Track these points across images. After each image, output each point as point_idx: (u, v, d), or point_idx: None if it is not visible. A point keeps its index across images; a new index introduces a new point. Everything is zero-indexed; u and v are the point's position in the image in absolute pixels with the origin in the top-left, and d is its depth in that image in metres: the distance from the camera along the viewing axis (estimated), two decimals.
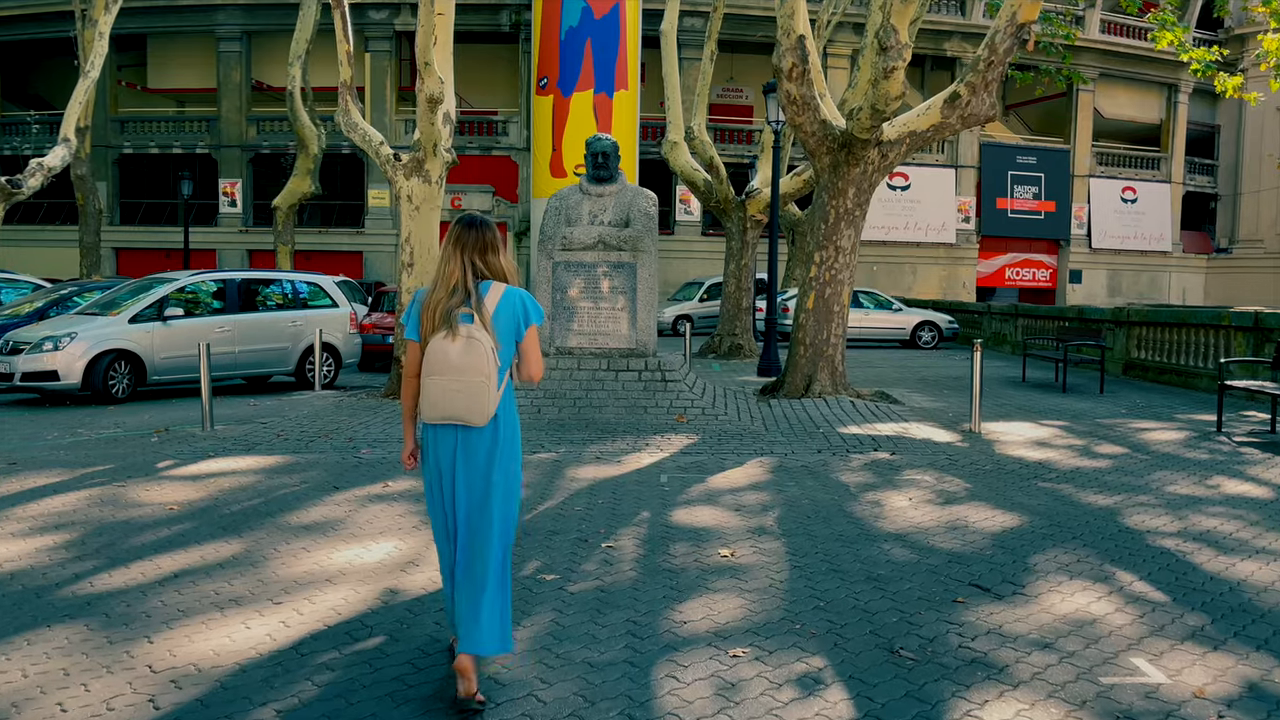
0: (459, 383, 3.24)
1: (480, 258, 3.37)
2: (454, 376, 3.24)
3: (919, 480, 7.11)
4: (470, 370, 3.23)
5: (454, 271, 3.32)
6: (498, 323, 3.33)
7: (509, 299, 3.38)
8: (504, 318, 3.35)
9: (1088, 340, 13.30)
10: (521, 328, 3.41)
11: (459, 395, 3.24)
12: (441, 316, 3.27)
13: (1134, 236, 36.64)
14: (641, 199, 10.56)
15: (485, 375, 3.23)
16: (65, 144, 17.72)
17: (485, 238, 3.39)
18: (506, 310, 3.37)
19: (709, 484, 7.00)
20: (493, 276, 3.40)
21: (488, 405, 3.26)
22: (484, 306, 3.30)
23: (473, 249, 3.36)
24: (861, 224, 11.89)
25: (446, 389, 3.25)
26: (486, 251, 3.38)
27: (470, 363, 3.23)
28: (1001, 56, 11.22)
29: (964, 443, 8.67)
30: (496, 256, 3.41)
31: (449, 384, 3.24)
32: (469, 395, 3.24)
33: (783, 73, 11.23)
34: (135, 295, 12.46)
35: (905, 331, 22.26)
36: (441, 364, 3.24)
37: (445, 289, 3.31)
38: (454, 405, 3.26)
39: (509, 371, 3.43)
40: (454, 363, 3.23)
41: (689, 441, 8.66)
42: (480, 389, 3.24)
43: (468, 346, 3.23)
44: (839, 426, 9.43)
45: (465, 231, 3.38)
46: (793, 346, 11.90)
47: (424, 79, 11.46)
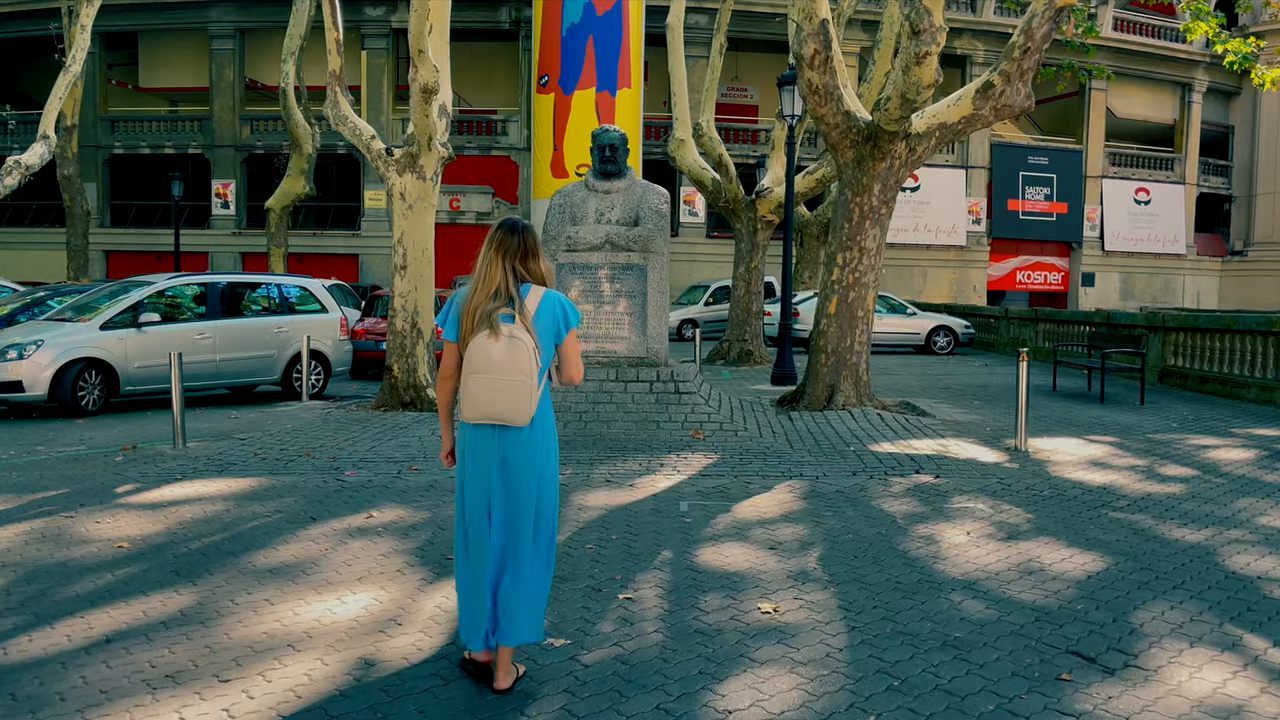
0: (501, 381, 3.26)
1: (522, 263, 3.41)
2: (496, 375, 3.26)
3: (972, 509, 6.29)
4: (513, 369, 3.25)
5: (495, 275, 3.36)
6: (538, 325, 3.37)
7: (548, 302, 3.42)
8: (544, 320, 3.40)
9: (1126, 348, 12.47)
10: (562, 330, 3.45)
11: (500, 395, 3.27)
12: (482, 317, 3.30)
13: (1147, 239, 35.84)
14: (652, 195, 9.75)
15: (527, 375, 3.26)
16: (44, 141, 16.89)
17: (527, 243, 3.43)
18: (547, 313, 3.41)
19: (735, 514, 6.18)
20: (532, 281, 3.44)
21: (529, 405, 3.29)
22: (525, 308, 3.34)
23: (514, 254, 3.40)
24: (887, 223, 11.08)
25: (488, 387, 3.26)
26: (528, 257, 3.42)
27: (513, 361, 3.25)
28: (1039, 43, 10.43)
29: (1012, 463, 7.85)
30: (537, 262, 3.45)
31: (492, 382, 3.26)
32: (511, 394, 3.27)
33: (804, 60, 10.42)
34: (110, 300, 11.65)
35: (920, 337, 21.45)
36: (484, 362, 3.26)
37: (486, 292, 3.34)
38: (495, 404, 3.28)
39: (547, 375, 3.48)
40: (496, 361, 3.25)
41: (708, 461, 7.84)
42: (522, 388, 3.27)
43: (510, 345, 3.26)
44: (870, 443, 8.61)
45: (508, 236, 3.41)
46: (813, 355, 11.08)
47: (418, 67, 10.65)
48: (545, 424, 3.47)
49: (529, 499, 3.42)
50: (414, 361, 11.12)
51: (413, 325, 11.15)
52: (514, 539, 3.42)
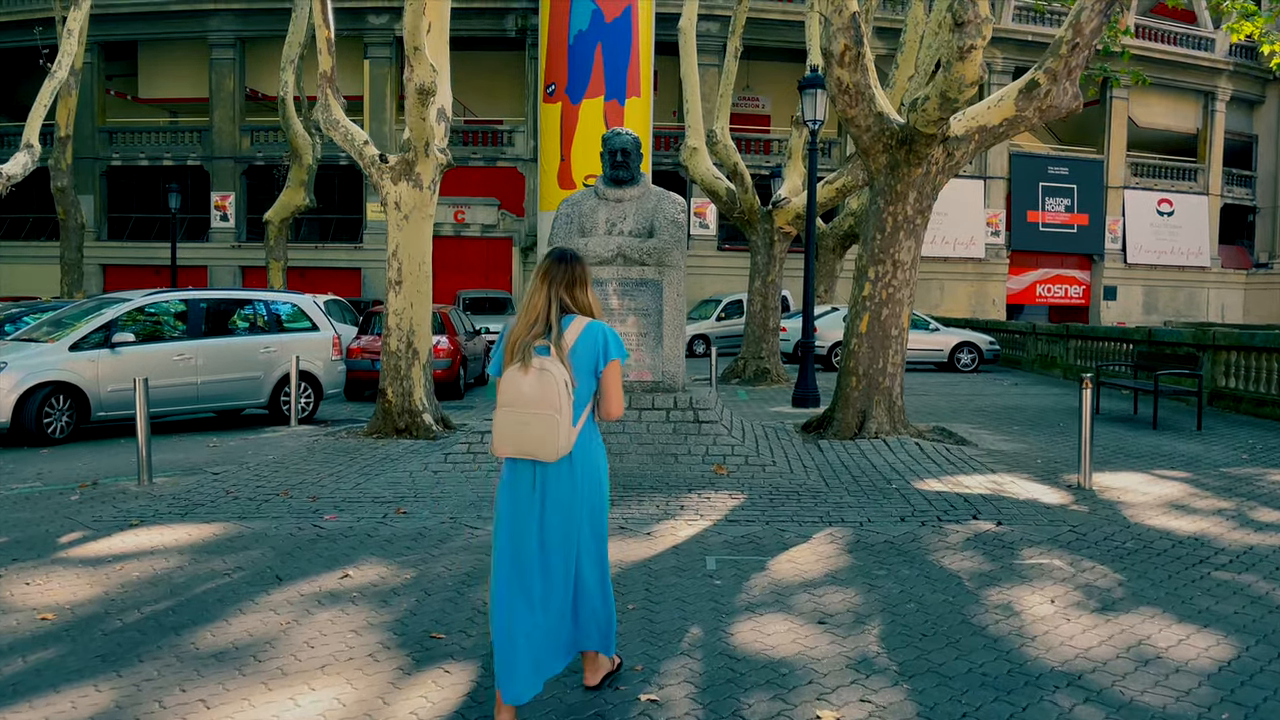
0: (528, 415, 3.21)
1: (568, 292, 3.37)
2: (524, 409, 3.22)
3: (1050, 568, 5.38)
4: (541, 404, 3.20)
5: (539, 304, 3.32)
6: (575, 357, 3.32)
7: (590, 333, 3.37)
8: (583, 352, 3.34)
9: (1180, 368, 11.53)
10: (600, 363, 3.39)
11: (527, 429, 3.22)
12: (520, 349, 3.27)
13: (1170, 251, 34.87)
14: (668, 204, 8.87)
15: (555, 409, 3.19)
16: (28, 150, 16.15)
17: (575, 273, 3.39)
18: (586, 345, 3.35)
19: (772, 572, 5.28)
20: (579, 311, 3.40)
21: (558, 441, 3.22)
22: (563, 340, 3.30)
23: (561, 283, 3.36)
24: (923, 234, 10.21)
25: (515, 421, 3.24)
26: (575, 286, 3.39)
27: (541, 396, 3.20)
28: (1088, 38, 9.57)
29: (1079, 505, 6.93)
30: (584, 292, 3.41)
31: (518, 417, 3.23)
32: (539, 429, 3.21)
33: (833, 57, 9.57)
34: (84, 318, 10.82)
35: (943, 354, 20.53)
36: (513, 396, 3.24)
37: (526, 322, 3.31)
38: (523, 439, 3.24)
39: (589, 407, 3.41)
40: (525, 395, 3.21)
41: (734, 502, 6.94)
42: (548, 423, 3.20)
43: (539, 379, 3.20)
44: (914, 480, 7.70)
45: (555, 265, 3.38)
46: (843, 377, 10.19)
47: (413, 66, 9.84)
48: (588, 456, 3.40)
49: (575, 530, 3.38)
50: (409, 384, 10.26)
51: (408, 345, 10.30)
52: (570, 567, 3.40)
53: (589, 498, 3.42)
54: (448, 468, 7.95)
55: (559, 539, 3.36)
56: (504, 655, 3.29)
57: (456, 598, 4.86)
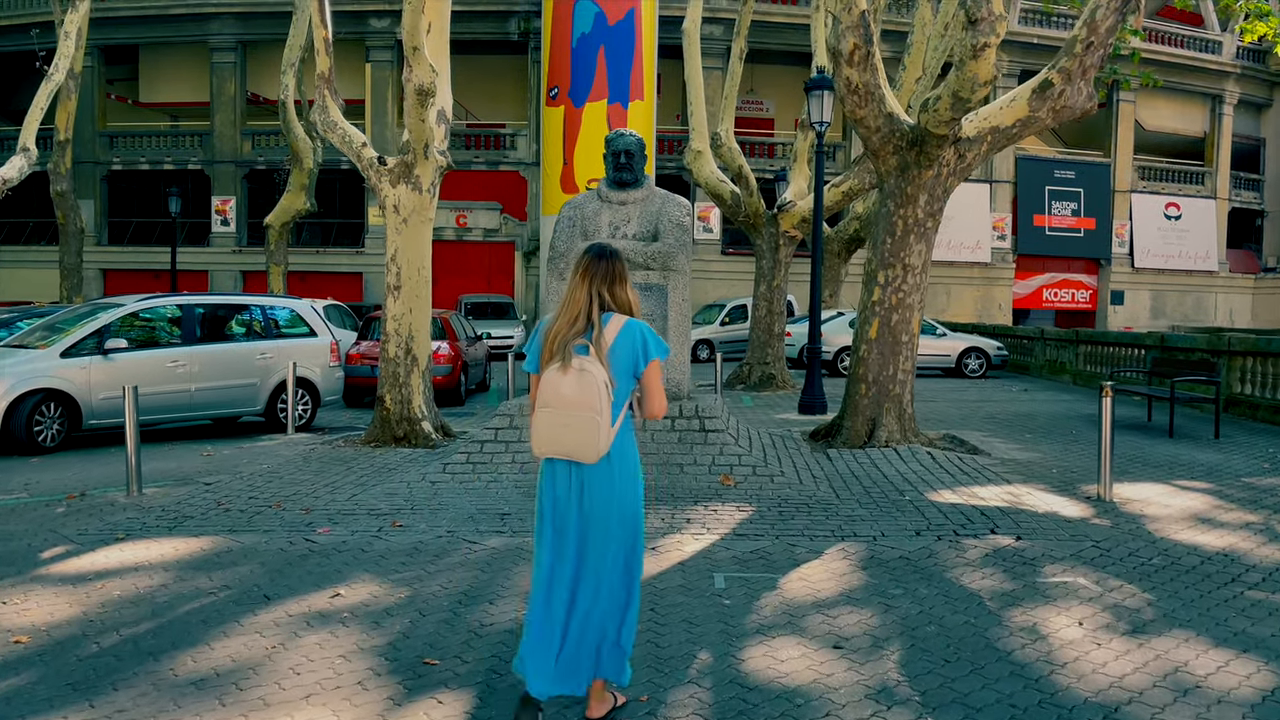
0: (568, 416, 3.17)
1: (608, 289, 3.31)
2: (564, 410, 3.18)
3: (1075, 586, 5.13)
4: (580, 405, 3.16)
5: (579, 301, 3.27)
6: (614, 356, 3.26)
7: (629, 332, 3.30)
8: (622, 351, 3.28)
9: (1199, 375, 11.28)
10: (641, 362, 3.32)
11: (567, 430, 3.18)
12: (558, 347, 3.21)
13: (1178, 255, 34.57)
14: (673, 207, 8.64)
15: (595, 410, 3.15)
16: (24, 154, 15.99)
17: (615, 269, 3.33)
18: (625, 343, 3.28)
19: (784, 592, 5.03)
20: (618, 309, 3.33)
21: (598, 441, 3.19)
22: (602, 338, 3.24)
23: (601, 280, 3.30)
24: (934, 237, 9.98)
25: (555, 423, 3.20)
26: (615, 283, 3.32)
27: (581, 396, 3.16)
28: (1103, 36, 9.35)
29: (1100, 518, 6.68)
30: (624, 289, 3.35)
31: (558, 417, 3.19)
32: (578, 430, 3.17)
33: (842, 56, 9.34)
34: (76, 323, 10.61)
35: (950, 359, 20.27)
36: (553, 396, 3.19)
37: (567, 319, 3.25)
38: (562, 440, 3.21)
39: (626, 406, 3.35)
40: (565, 396, 3.17)
41: (742, 515, 6.70)
42: (589, 424, 3.16)
43: (579, 379, 3.16)
44: (927, 491, 7.45)
45: (595, 262, 3.32)
46: (852, 384, 9.95)
47: (412, 66, 9.64)
48: (625, 457, 3.36)
49: (611, 534, 3.33)
50: (408, 392, 10.03)
51: (407, 351, 10.07)
52: (600, 575, 3.33)
53: (621, 503, 3.36)
54: (446, 478, 7.71)
55: (595, 542, 3.33)
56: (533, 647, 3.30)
57: (452, 619, 4.62)
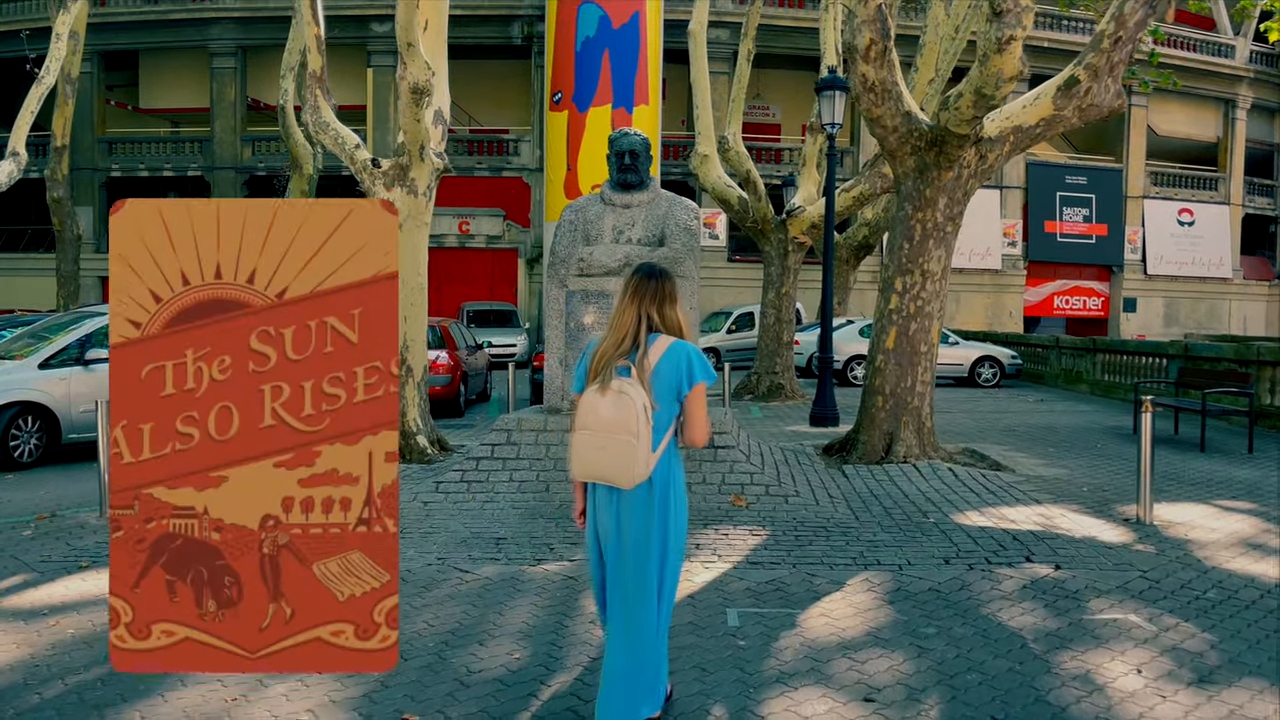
0: (605, 439, 3.08)
1: (657, 309, 3.22)
2: (601, 433, 3.09)
3: (1126, 625, 4.64)
4: (617, 428, 3.06)
5: (627, 321, 3.19)
6: (657, 379, 3.16)
7: (673, 354, 3.20)
8: (665, 374, 3.18)
9: (1231, 386, 10.77)
10: (685, 385, 3.20)
11: (602, 454, 3.09)
12: (603, 368, 3.14)
13: (1191, 262, 34.01)
14: (680, 210, 8.19)
15: (632, 434, 3.04)
16: (14, 159, 15.61)
17: (664, 288, 3.25)
18: (669, 366, 3.18)
19: (804, 630, 4.55)
20: (667, 330, 3.24)
21: (634, 467, 3.06)
22: (646, 360, 3.15)
23: (650, 300, 3.21)
24: (954, 242, 9.50)
25: (591, 445, 3.11)
26: (664, 303, 3.23)
27: (617, 420, 3.06)
28: (1132, 31, 8.91)
29: (1143, 543, 6.19)
30: (674, 309, 3.25)
31: (594, 440, 3.10)
32: (614, 454, 3.07)
33: (858, 52, 8.89)
34: (60, 333, 10.18)
35: (963, 368, 19.76)
36: (591, 418, 3.12)
37: (614, 340, 3.18)
38: (599, 464, 3.12)
39: (670, 432, 3.22)
40: (603, 418, 3.09)
41: (756, 540, 6.22)
42: (625, 449, 3.05)
43: (617, 401, 3.07)
44: (952, 512, 6.97)
45: (644, 281, 3.24)
46: (868, 396, 9.47)
47: (406, 64, 9.20)
48: (667, 484, 3.22)
49: (648, 563, 3.20)
50: (403, 404, 9.57)
51: (401, 362, 9.62)
52: (634, 605, 3.22)
53: (661, 532, 3.22)
54: (439, 498, 7.25)
55: (633, 570, 3.21)
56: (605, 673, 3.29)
57: (437, 664, 4.16)
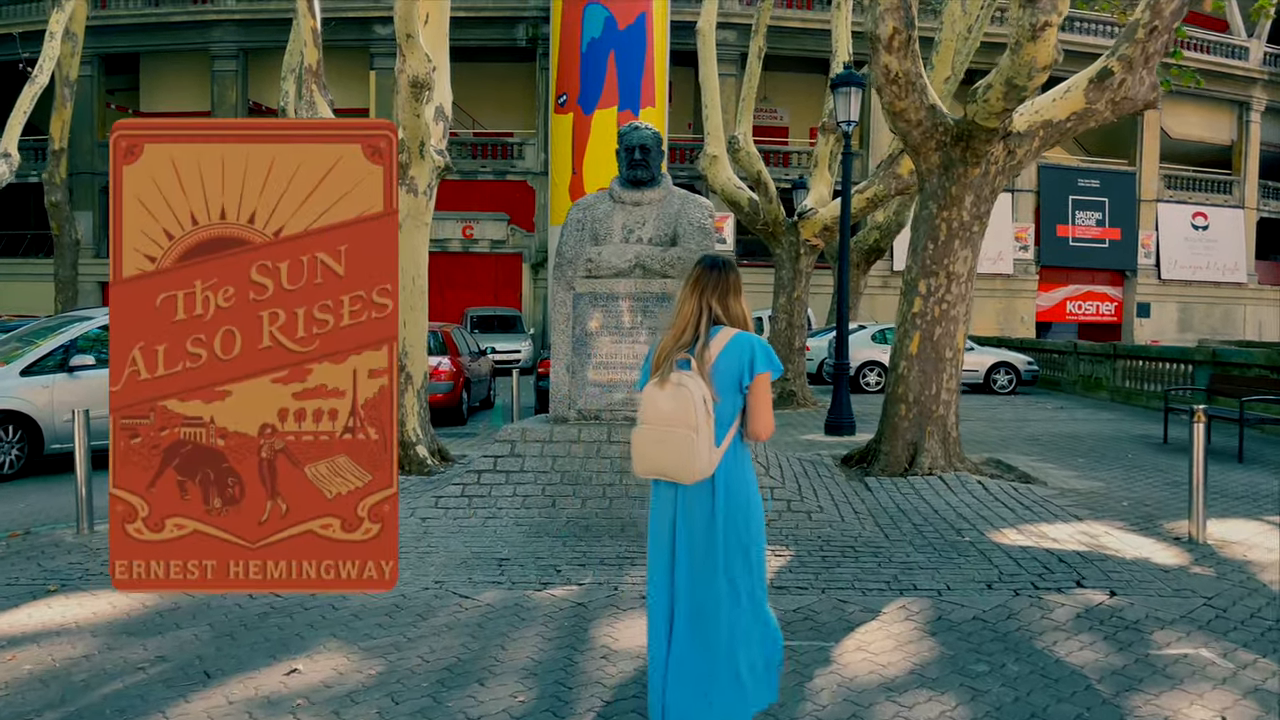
0: (663, 433, 2.99)
1: (720, 302, 3.13)
2: (659, 427, 3.01)
3: (1199, 661, 4.17)
4: (675, 421, 2.97)
5: (688, 314, 3.11)
6: (718, 372, 3.05)
7: (735, 345, 3.09)
8: (727, 366, 3.06)
9: (1269, 394, 10.30)
10: (746, 376, 3.07)
11: (662, 448, 3.00)
12: (664, 361, 3.07)
13: (1206, 266, 33.51)
14: (693, 208, 7.74)
15: (691, 428, 2.95)
16: (5, 160, 15.22)
17: (728, 280, 3.15)
18: (731, 358, 3.07)
19: (841, 668, 4.09)
20: (730, 322, 3.14)
21: (694, 462, 2.96)
22: (706, 353, 3.05)
23: (713, 292, 3.12)
24: (980, 242, 9.07)
25: (651, 440, 3.03)
26: (728, 295, 3.14)
27: (676, 413, 2.98)
28: (1168, 20, 8.49)
29: (1200, 565, 5.71)
30: (738, 301, 3.16)
31: (653, 434, 3.02)
32: (673, 448, 2.98)
33: (880, 41, 8.44)
34: (45, 338, 9.76)
35: (979, 374, 19.27)
36: (651, 413, 3.05)
37: (675, 333, 3.11)
38: (658, 459, 3.03)
39: (735, 426, 3.09)
40: (662, 411, 3.01)
41: (779, 562, 5.76)
42: (684, 443, 2.95)
43: (676, 394, 2.99)
44: (989, 529, 6.50)
45: (706, 273, 3.15)
46: (890, 405, 9.01)
47: (405, 56, 8.78)
48: (732, 480, 3.08)
49: (715, 566, 3.05)
50: (401, 413, 9.12)
51: (401, 368, 9.18)
52: (703, 607, 3.06)
53: (732, 531, 3.06)
54: (438, 514, 6.79)
55: (697, 573, 3.07)
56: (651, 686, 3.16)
57: (431, 708, 3.70)
